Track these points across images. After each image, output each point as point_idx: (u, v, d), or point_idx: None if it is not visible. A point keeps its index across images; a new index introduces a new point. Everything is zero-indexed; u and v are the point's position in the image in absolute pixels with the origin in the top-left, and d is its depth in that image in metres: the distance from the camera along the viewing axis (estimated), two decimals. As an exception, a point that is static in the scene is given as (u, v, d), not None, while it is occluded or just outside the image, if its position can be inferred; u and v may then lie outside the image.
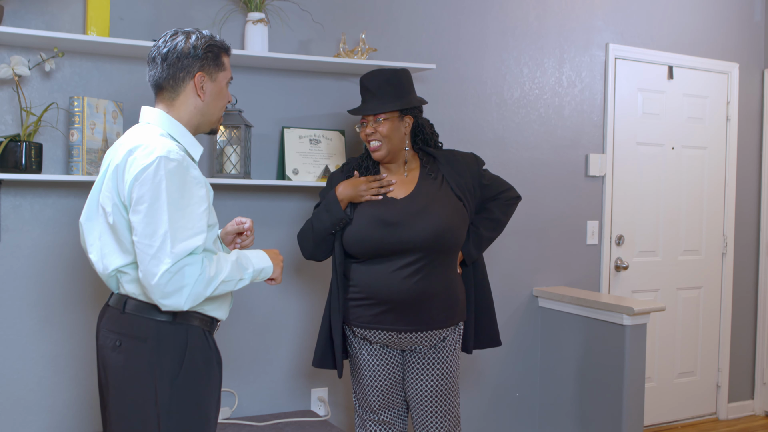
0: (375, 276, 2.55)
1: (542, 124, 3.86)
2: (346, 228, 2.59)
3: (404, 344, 2.62)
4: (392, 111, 2.58)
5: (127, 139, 1.92)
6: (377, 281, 2.55)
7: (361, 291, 2.59)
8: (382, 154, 2.60)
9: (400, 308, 2.54)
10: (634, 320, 3.31)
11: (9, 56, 2.65)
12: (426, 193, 2.60)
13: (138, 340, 1.88)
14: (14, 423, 2.75)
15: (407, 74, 2.66)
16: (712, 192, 4.49)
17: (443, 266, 2.58)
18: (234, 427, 2.96)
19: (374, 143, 2.60)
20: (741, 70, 4.53)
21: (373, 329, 2.60)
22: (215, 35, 2.01)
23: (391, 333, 2.58)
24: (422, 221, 2.53)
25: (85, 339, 2.84)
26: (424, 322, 2.57)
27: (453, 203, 2.60)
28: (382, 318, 2.57)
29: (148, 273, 1.76)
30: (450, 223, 2.55)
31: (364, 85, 2.62)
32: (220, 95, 2.02)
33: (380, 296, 2.55)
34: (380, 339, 2.61)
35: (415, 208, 2.55)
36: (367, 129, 2.60)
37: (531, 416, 3.84)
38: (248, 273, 1.94)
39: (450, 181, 2.64)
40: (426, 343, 2.61)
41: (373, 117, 2.58)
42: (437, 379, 2.63)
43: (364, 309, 2.59)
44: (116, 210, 1.86)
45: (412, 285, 2.52)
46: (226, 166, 2.93)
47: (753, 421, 4.57)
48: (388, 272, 2.53)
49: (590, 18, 3.98)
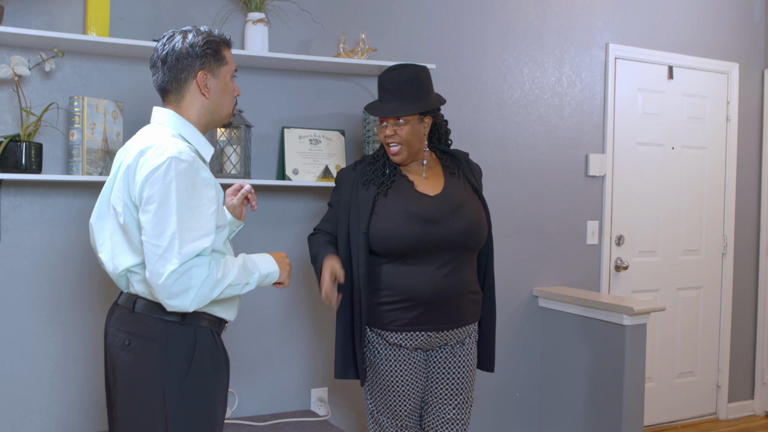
0: (415, 277, 2.47)
1: (542, 124, 3.86)
2: (373, 225, 2.49)
3: (438, 343, 2.57)
4: (413, 114, 2.51)
5: (138, 140, 1.91)
6: (418, 282, 2.47)
7: (396, 294, 2.48)
8: (402, 157, 2.55)
9: (439, 307, 2.50)
10: (634, 320, 3.31)
11: (9, 56, 2.65)
12: (456, 191, 2.58)
13: (147, 340, 1.88)
14: (14, 423, 2.75)
15: (427, 72, 2.59)
16: (712, 192, 4.49)
17: (469, 261, 2.58)
18: (234, 427, 2.96)
19: (394, 147, 2.53)
20: (741, 70, 4.53)
21: (410, 332, 2.50)
22: (213, 30, 1.99)
23: (429, 333, 2.52)
24: (458, 218, 2.51)
25: (87, 339, 2.84)
26: (459, 318, 2.55)
27: (477, 202, 2.62)
28: (422, 319, 2.49)
29: (155, 273, 1.76)
30: (480, 220, 2.57)
31: (384, 85, 2.54)
32: (226, 90, 2.00)
33: (421, 297, 2.47)
34: (416, 342, 2.52)
35: (449, 206, 2.53)
36: (387, 131, 2.52)
37: (531, 416, 3.84)
38: (254, 278, 1.94)
39: (470, 180, 2.65)
40: (456, 338, 2.59)
41: (394, 119, 2.51)
42: (463, 371, 2.62)
43: (400, 312, 2.49)
44: (127, 210, 1.86)
45: (450, 282, 2.50)
46: (226, 166, 2.93)
47: (753, 421, 4.57)
48: (429, 272, 2.47)
49: (590, 18, 3.98)
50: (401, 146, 2.53)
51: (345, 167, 2.70)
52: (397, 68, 2.54)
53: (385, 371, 2.55)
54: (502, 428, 3.77)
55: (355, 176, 2.60)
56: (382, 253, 2.50)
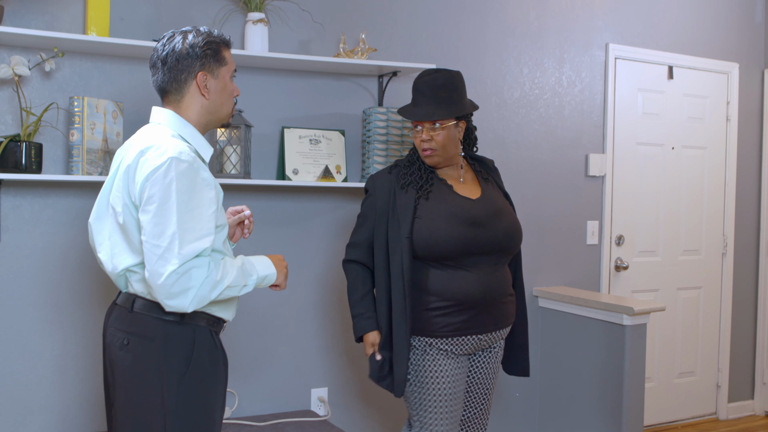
0: (463, 281, 2.45)
1: (542, 124, 3.86)
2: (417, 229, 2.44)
3: (482, 346, 2.56)
4: (449, 118, 2.48)
5: (138, 140, 1.91)
6: (467, 286, 2.44)
7: (447, 299, 2.45)
8: (436, 161, 2.52)
9: (487, 309, 2.50)
10: (634, 320, 3.31)
11: (9, 56, 2.65)
12: (493, 195, 2.59)
13: (146, 339, 1.88)
14: (14, 423, 2.75)
15: (461, 77, 2.56)
16: (712, 192, 4.49)
17: (505, 264, 2.60)
18: (234, 427, 2.96)
19: (429, 152, 2.50)
20: (741, 70, 4.53)
21: (459, 336, 2.47)
22: (213, 30, 1.99)
23: (477, 337, 2.51)
24: (500, 221, 2.52)
25: (86, 339, 2.84)
26: (502, 320, 2.56)
27: (510, 206, 2.65)
28: (470, 323, 2.47)
29: (155, 273, 1.76)
30: (518, 224, 2.59)
31: (419, 89, 2.51)
32: (225, 90, 2.00)
33: (471, 301, 2.45)
34: (464, 346, 2.51)
35: (492, 209, 2.53)
36: (423, 135, 2.49)
37: (531, 416, 3.84)
38: (252, 280, 1.94)
39: (500, 186, 2.68)
40: (496, 340, 2.60)
41: (430, 123, 2.47)
42: (494, 373, 2.65)
43: (450, 317, 2.45)
44: (126, 210, 1.86)
45: (495, 284, 2.50)
46: (226, 166, 2.93)
47: (753, 421, 4.57)
48: (476, 275, 2.45)
49: (590, 18, 3.98)
50: (436, 151, 2.50)
51: (378, 172, 2.63)
52: (432, 72, 2.52)
53: (441, 379, 2.49)
54: (502, 428, 3.77)
55: (391, 180, 2.55)
56: (426, 258, 2.46)
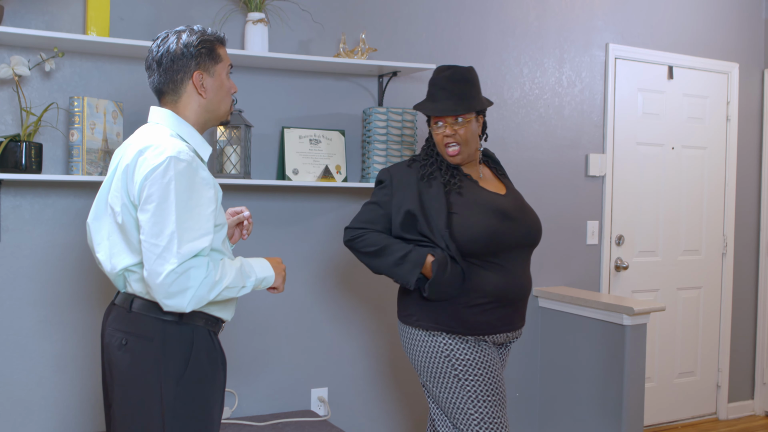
0: (507, 276, 2.42)
1: (542, 124, 3.86)
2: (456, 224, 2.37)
3: (506, 341, 2.56)
4: (470, 112, 2.44)
5: (136, 139, 1.91)
6: (507, 281, 2.42)
7: (487, 294, 2.39)
8: (462, 158, 2.47)
9: (520, 304, 2.50)
10: (634, 320, 3.31)
11: (9, 56, 2.65)
12: (515, 190, 2.60)
13: (144, 339, 1.88)
14: (14, 423, 2.75)
15: (475, 73, 2.53)
16: (712, 192, 4.49)
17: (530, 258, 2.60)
18: (234, 427, 2.96)
19: (453, 147, 2.44)
20: (741, 70, 4.53)
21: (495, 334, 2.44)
22: (207, 28, 1.98)
23: (510, 333, 2.50)
24: (529, 217, 2.52)
25: (86, 339, 2.84)
26: (524, 316, 2.57)
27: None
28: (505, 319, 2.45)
29: (153, 272, 1.76)
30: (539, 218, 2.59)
31: (439, 84, 2.46)
32: (222, 88, 2.00)
33: (511, 297, 2.44)
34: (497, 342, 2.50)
35: (519, 204, 2.53)
36: (447, 131, 2.43)
37: (531, 416, 3.84)
38: (250, 281, 1.94)
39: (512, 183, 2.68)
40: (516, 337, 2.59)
41: (452, 118, 2.43)
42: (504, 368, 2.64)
43: (489, 314, 2.41)
44: (125, 210, 1.85)
45: (527, 280, 2.51)
46: (226, 166, 2.93)
47: (753, 421, 4.57)
48: (513, 270, 2.43)
49: (590, 18, 3.98)
50: (460, 146, 2.45)
51: (394, 165, 2.56)
52: (450, 68, 2.49)
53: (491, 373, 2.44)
54: (502, 428, 3.77)
55: (410, 174, 2.48)
56: (465, 254, 2.39)
